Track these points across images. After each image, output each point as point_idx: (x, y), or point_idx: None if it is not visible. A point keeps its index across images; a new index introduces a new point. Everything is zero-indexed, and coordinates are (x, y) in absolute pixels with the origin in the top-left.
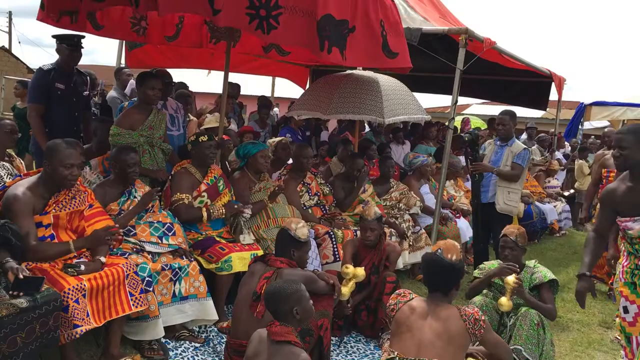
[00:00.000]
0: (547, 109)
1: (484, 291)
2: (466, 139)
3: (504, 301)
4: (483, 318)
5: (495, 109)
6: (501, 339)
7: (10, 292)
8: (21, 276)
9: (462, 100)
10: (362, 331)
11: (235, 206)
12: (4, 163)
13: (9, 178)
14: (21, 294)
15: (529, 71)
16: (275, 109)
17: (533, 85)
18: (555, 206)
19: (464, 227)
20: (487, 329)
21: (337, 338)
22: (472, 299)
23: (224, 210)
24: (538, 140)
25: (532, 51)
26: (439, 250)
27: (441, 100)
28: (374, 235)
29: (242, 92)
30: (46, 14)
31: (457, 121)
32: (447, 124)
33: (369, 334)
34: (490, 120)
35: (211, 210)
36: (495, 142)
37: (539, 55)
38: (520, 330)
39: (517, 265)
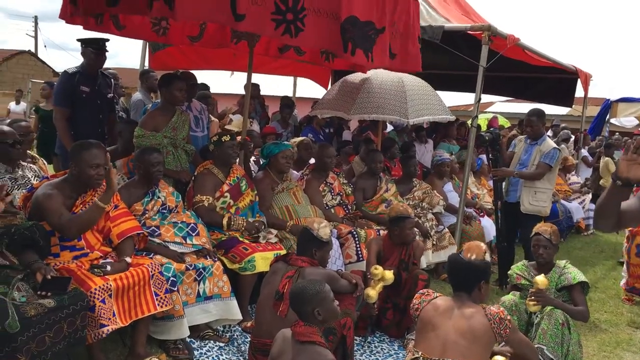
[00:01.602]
0: (573, 106)
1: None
2: (486, 138)
3: (531, 302)
4: (509, 318)
5: (519, 107)
6: (527, 339)
7: (38, 292)
8: (49, 276)
9: (485, 98)
10: (387, 331)
11: (256, 224)
12: (31, 165)
13: (36, 180)
14: (49, 294)
15: (554, 68)
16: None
17: (558, 82)
18: (583, 201)
19: (488, 226)
20: (513, 328)
21: (361, 337)
22: (502, 299)
23: (244, 225)
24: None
25: (557, 47)
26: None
27: (464, 98)
28: (413, 233)
29: (264, 93)
30: (72, 16)
31: (482, 119)
32: (470, 122)
33: (394, 333)
34: (522, 121)
35: (232, 222)
36: (526, 141)
37: (564, 51)
38: (544, 329)
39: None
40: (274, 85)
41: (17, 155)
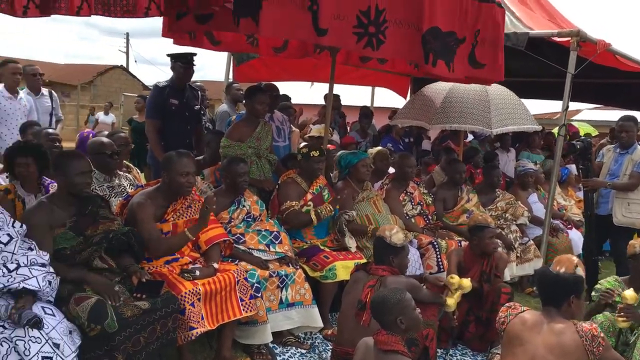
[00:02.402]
0: None
1: None
2: (577, 147)
3: (620, 318)
4: (602, 335)
5: (607, 114)
6: (622, 359)
7: (134, 295)
8: (144, 280)
9: (572, 105)
10: (469, 344)
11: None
12: (127, 174)
13: (131, 188)
14: (144, 296)
15: None
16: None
17: None
18: None
19: (576, 238)
20: (607, 347)
21: (442, 350)
22: (596, 318)
23: (331, 207)
24: None
25: None
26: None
27: (549, 106)
28: (494, 243)
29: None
30: (169, 32)
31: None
32: (557, 130)
33: (477, 347)
34: (612, 130)
35: (319, 210)
36: (615, 150)
37: None
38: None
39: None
40: (351, 95)
41: (114, 165)
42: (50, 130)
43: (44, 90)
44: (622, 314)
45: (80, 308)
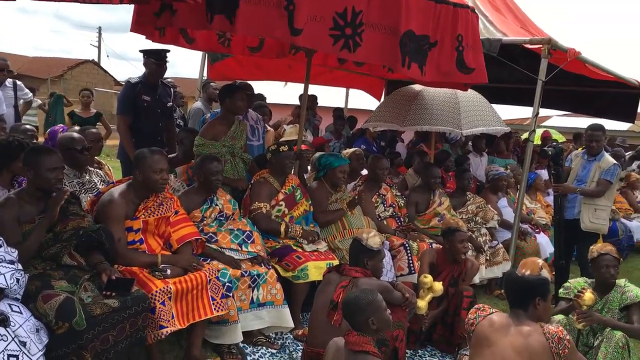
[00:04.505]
0: (635, 122)
1: None
2: (549, 153)
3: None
4: (568, 337)
5: (577, 121)
6: None
7: (104, 293)
8: (113, 277)
9: (542, 112)
10: (438, 345)
11: (310, 238)
12: (98, 170)
13: (102, 185)
14: (113, 294)
15: (615, 82)
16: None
17: (620, 96)
18: None
19: (544, 242)
20: (572, 349)
21: (411, 351)
22: (554, 318)
23: (300, 232)
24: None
25: (620, 60)
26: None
27: (519, 112)
28: (465, 246)
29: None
30: (138, 28)
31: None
32: (527, 136)
33: (445, 348)
34: (577, 135)
35: (289, 229)
36: (583, 156)
37: (628, 64)
38: (605, 352)
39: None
40: (326, 96)
41: (84, 161)
42: (29, 126)
43: (8, 82)
44: (579, 315)
45: (48, 305)
